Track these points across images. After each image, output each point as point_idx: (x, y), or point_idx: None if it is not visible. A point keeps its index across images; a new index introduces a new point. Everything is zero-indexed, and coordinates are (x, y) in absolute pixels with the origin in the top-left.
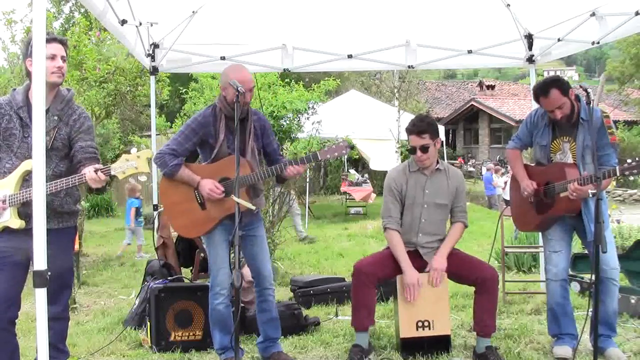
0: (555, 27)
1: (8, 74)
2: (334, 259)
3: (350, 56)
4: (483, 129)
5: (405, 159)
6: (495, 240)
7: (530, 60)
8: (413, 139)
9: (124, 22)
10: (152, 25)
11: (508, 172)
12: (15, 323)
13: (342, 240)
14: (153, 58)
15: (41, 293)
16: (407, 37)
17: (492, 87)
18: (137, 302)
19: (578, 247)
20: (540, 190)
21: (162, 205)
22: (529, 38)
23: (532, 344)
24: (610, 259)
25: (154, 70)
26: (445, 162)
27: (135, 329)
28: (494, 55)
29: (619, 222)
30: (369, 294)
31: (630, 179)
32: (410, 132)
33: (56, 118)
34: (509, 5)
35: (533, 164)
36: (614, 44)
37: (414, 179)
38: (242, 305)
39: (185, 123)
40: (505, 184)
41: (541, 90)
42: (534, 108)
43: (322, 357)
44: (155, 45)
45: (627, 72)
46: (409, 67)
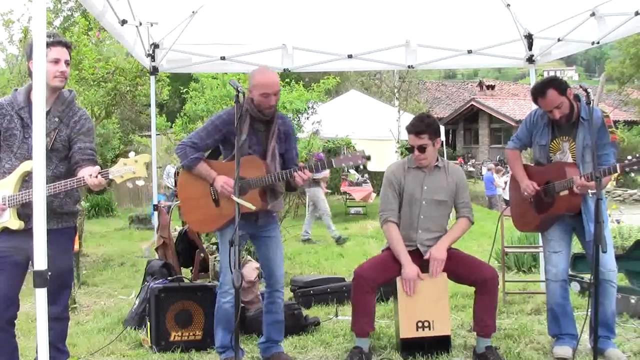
0: (555, 27)
1: (7, 75)
2: (334, 259)
3: (350, 56)
4: (483, 129)
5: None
6: (495, 240)
7: (530, 60)
8: (412, 139)
9: (124, 22)
10: (152, 25)
11: (508, 172)
12: (15, 323)
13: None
14: (153, 58)
15: (41, 293)
16: (407, 37)
17: (492, 87)
18: (137, 302)
19: (578, 247)
20: (540, 189)
21: (179, 198)
22: (529, 38)
23: (532, 344)
24: (608, 260)
25: (154, 70)
26: (445, 159)
27: (135, 329)
28: (494, 55)
29: (619, 222)
30: (368, 300)
31: (632, 175)
32: (409, 131)
33: (57, 120)
34: (509, 5)
35: (533, 164)
36: (614, 44)
37: (412, 175)
38: (242, 305)
39: (210, 119)
40: (506, 184)
41: (538, 91)
42: (534, 108)
43: (322, 357)
44: (155, 45)
45: (627, 72)
46: (409, 67)
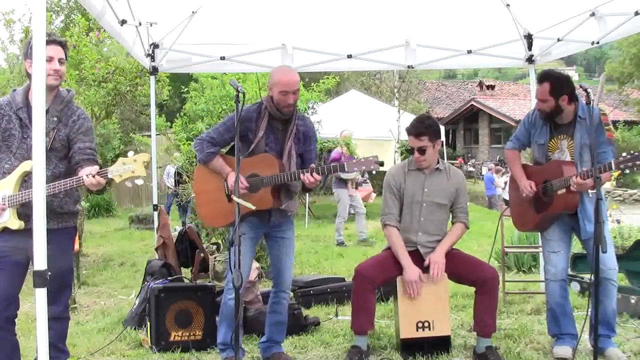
0: (555, 27)
1: (7, 74)
2: (334, 259)
3: (350, 56)
4: (483, 129)
5: (405, 159)
6: (495, 240)
7: (530, 60)
8: (411, 140)
9: (123, 22)
10: (151, 25)
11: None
12: (15, 322)
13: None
14: (153, 58)
15: (41, 293)
16: (407, 37)
17: (492, 87)
18: (137, 302)
19: (578, 247)
20: (538, 189)
21: (194, 191)
22: (529, 38)
23: (532, 344)
24: (609, 259)
25: (154, 71)
26: (446, 162)
27: (135, 329)
28: (493, 55)
29: (619, 222)
30: (369, 299)
31: (627, 172)
32: (409, 133)
33: (55, 119)
34: (508, 5)
35: (532, 164)
36: (614, 44)
37: (412, 177)
38: (243, 304)
39: (229, 115)
40: (505, 184)
41: (539, 77)
42: (532, 108)
43: (322, 357)
44: (155, 46)
45: (627, 72)
46: (408, 67)
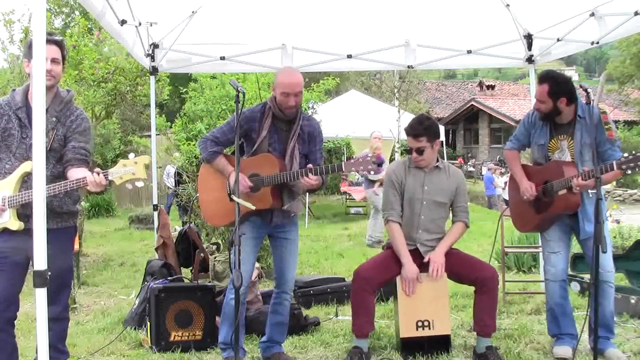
0: (555, 27)
1: (7, 75)
2: (334, 259)
3: (350, 56)
4: (483, 129)
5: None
6: (495, 240)
7: (529, 60)
8: (410, 141)
9: (123, 22)
10: (151, 25)
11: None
12: (15, 323)
13: (342, 240)
14: (153, 58)
15: (41, 293)
16: (407, 37)
17: (492, 87)
18: (137, 302)
19: (578, 247)
20: (538, 189)
21: (198, 190)
22: (529, 38)
23: (532, 344)
24: (606, 261)
25: (154, 71)
26: (446, 161)
27: (135, 329)
28: (493, 55)
29: (618, 222)
30: (368, 300)
31: (628, 172)
32: (407, 133)
33: (54, 119)
34: (508, 5)
35: (532, 164)
36: (614, 44)
37: (412, 174)
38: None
39: (233, 115)
40: (505, 184)
41: (539, 77)
42: (532, 108)
43: (322, 357)
44: (155, 46)
45: (627, 72)
46: (408, 67)
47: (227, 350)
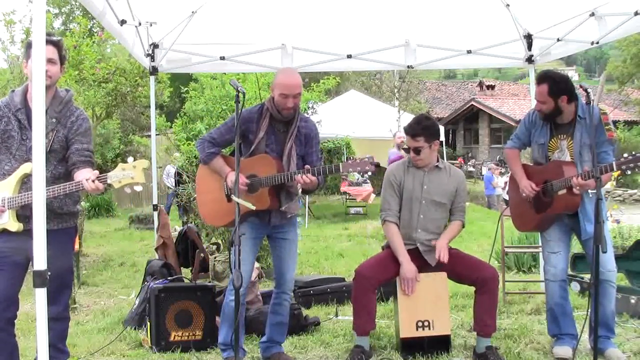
0: (555, 27)
1: (7, 75)
2: (334, 259)
3: (349, 56)
4: (483, 129)
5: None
6: (495, 240)
7: (529, 60)
8: (408, 140)
9: (123, 22)
10: (151, 25)
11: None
12: (15, 323)
13: (342, 240)
14: (153, 58)
15: (41, 293)
16: (407, 37)
17: (492, 87)
18: (137, 302)
19: (577, 247)
20: (538, 189)
21: (196, 191)
22: (529, 38)
23: (532, 344)
24: (608, 261)
25: (154, 71)
26: (447, 161)
27: (135, 329)
28: (493, 55)
29: (618, 222)
30: (369, 299)
31: (628, 172)
32: (406, 132)
33: (54, 120)
34: (508, 5)
35: (532, 164)
36: (614, 44)
37: (412, 174)
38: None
39: (232, 115)
40: (505, 184)
41: (537, 78)
42: (533, 107)
43: (322, 357)
44: (155, 45)
45: (627, 72)
46: (408, 67)
47: (227, 351)
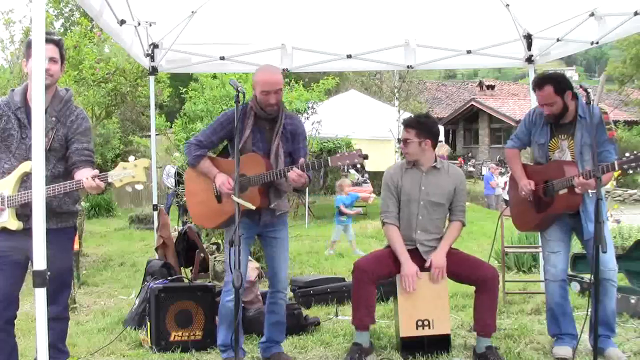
0: (555, 27)
1: (7, 75)
2: (334, 259)
3: (349, 56)
4: (483, 129)
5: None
6: (495, 240)
7: (529, 60)
8: (402, 131)
9: (122, 22)
10: (150, 25)
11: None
12: (14, 323)
13: (343, 241)
14: (152, 58)
15: (41, 293)
16: (407, 37)
17: (492, 87)
18: (137, 302)
19: (578, 247)
20: (539, 189)
21: (186, 192)
22: (528, 38)
23: (532, 344)
24: (609, 260)
25: (154, 71)
26: (445, 161)
27: (135, 329)
28: (493, 56)
29: (619, 222)
30: (369, 292)
31: (630, 172)
32: (402, 122)
33: (54, 119)
34: (508, 5)
35: (532, 164)
36: (614, 44)
37: (410, 175)
38: (242, 305)
39: (217, 117)
40: (506, 184)
41: (537, 83)
42: (533, 107)
43: (322, 357)
44: (155, 45)
45: (628, 72)
46: (408, 67)
47: (226, 352)
